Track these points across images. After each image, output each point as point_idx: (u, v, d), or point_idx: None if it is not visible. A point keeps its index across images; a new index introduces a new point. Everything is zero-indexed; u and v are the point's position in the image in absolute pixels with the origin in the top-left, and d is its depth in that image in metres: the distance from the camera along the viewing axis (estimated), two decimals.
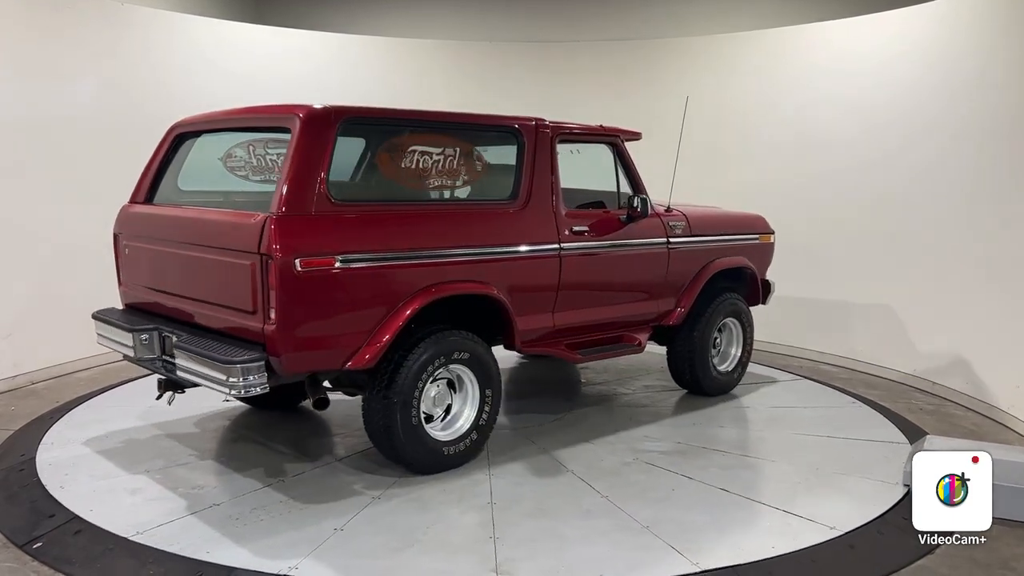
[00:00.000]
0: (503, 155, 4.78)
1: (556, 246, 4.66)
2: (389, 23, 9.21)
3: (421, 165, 4.25)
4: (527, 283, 4.58)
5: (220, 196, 4.73)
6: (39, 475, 4.20)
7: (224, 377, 3.63)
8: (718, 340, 5.90)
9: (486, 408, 4.43)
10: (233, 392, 3.69)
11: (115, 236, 4.81)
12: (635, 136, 5.43)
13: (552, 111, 5.49)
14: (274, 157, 4.16)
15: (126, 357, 4.37)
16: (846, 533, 3.71)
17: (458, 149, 4.39)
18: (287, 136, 3.88)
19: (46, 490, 4.01)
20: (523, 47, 8.55)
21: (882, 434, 5.13)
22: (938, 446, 4.25)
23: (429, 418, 4.29)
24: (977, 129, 5.88)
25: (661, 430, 5.13)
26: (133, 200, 4.82)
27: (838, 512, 3.91)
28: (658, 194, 5.50)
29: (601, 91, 8.18)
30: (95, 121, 6.42)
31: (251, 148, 4.22)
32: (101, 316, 4.61)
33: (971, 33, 6.03)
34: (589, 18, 9.02)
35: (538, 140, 4.71)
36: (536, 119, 4.78)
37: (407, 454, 4.17)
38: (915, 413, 5.71)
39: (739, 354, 6.00)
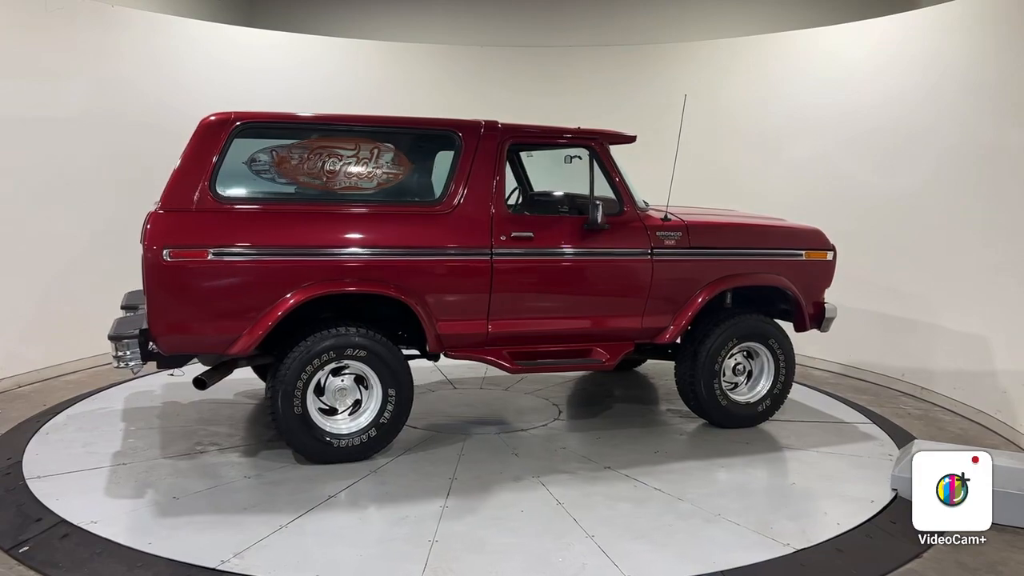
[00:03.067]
0: (439, 158, 4.80)
1: (487, 251, 4.55)
2: (380, 27, 9.21)
3: (326, 167, 4.38)
4: (447, 287, 4.53)
5: None
6: (26, 479, 4.18)
7: (116, 353, 4.14)
8: (742, 367, 5.26)
9: (389, 407, 4.47)
10: (120, 365, 4.14)
11: None
12: (627, 139, 5.05)
13: (544, 116, 5.50)
14: (296, 161, 4.37)
15: None
16: (838, 536, 3.72)
17: (374, 151, 4.46)
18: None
19: (33, 494, 3.99)
20: (515, 52, 8.54)
21: (875, 493, 4.18)
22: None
23: (333, 410, 4.47)
24: (971, 135, 5.91)
25: (610, 453, 4.70)
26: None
27: (661, 565, 3.42)
28: (655, 202, 5.26)
29: (593, 95, 8.18)
30: (84, 123, 6.38)
31: (273, 152, 4.36)
32: (126, 297, 5.17)
33: (964, 37, 6.08)
34: (582, 23, 9.03)
35: (481, 143, 4.61)
36: (487, 121, 4.68)
37: (292, 441, 4.41)
38: (903, 418, 5.74)
39: (767, 386, 5.27)
